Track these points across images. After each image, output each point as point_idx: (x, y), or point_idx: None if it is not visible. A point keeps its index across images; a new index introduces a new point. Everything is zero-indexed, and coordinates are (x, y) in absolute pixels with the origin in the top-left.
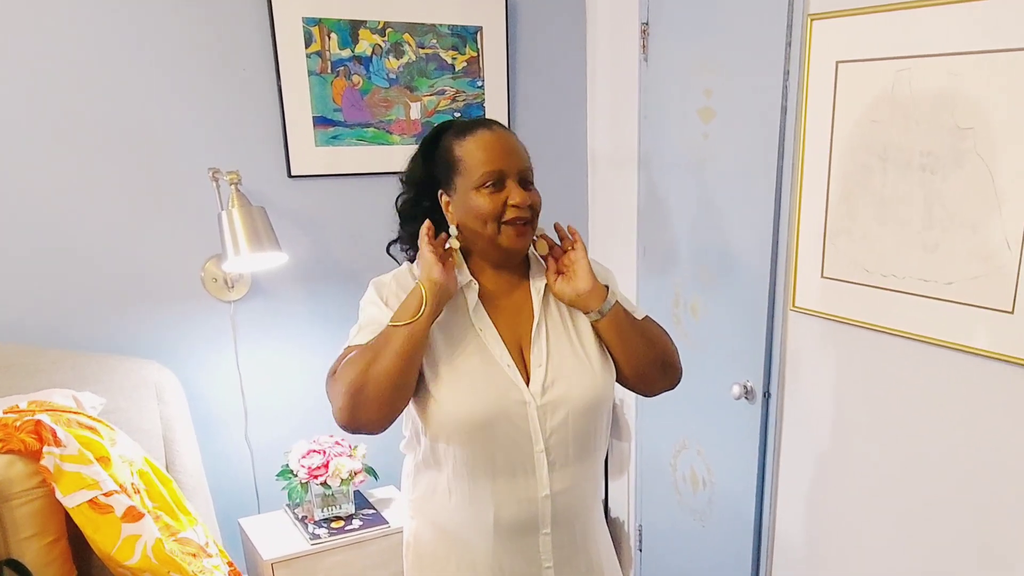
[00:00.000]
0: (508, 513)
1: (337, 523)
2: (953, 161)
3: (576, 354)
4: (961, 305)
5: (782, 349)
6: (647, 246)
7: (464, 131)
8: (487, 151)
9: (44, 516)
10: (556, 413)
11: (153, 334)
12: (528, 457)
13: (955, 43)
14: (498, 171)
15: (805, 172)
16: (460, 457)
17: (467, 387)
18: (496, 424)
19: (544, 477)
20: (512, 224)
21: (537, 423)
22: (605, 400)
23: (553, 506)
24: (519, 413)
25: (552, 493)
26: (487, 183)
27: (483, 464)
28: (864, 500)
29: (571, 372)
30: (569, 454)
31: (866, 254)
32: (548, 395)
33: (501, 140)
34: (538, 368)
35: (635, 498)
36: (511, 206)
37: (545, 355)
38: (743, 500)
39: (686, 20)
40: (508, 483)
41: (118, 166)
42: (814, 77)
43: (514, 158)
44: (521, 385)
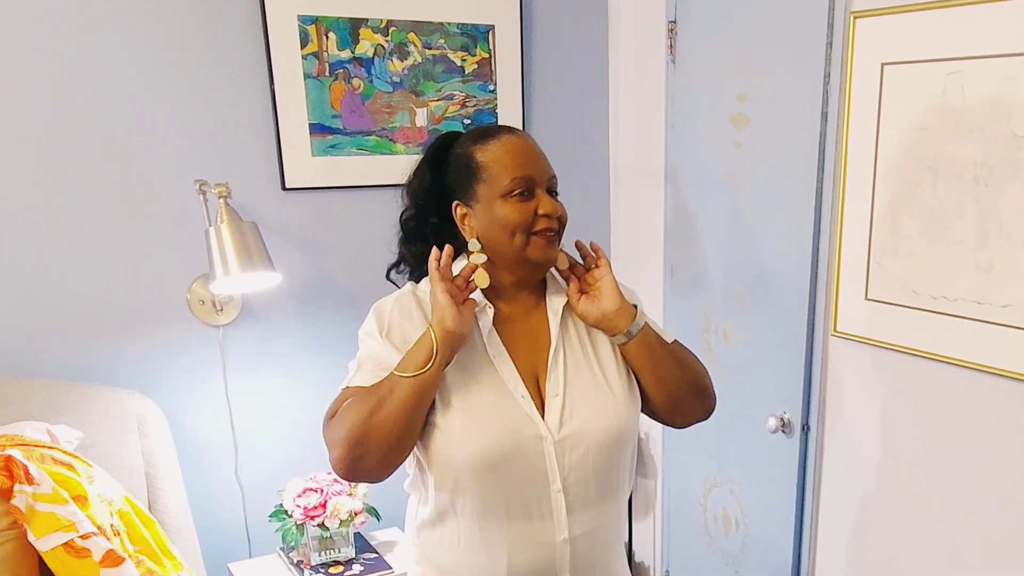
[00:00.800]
0: (523, 560)
1: (336, 568)
2: (1009, 173)
3: (597, 383)
4: (1018, 330)
5: (822, 378)
6: (675, 265)
7: (485, 136)
8: (514, 155)
9: (15, 560)
10: (575, 449)
11: (135, 361)
12: (545, 497)
13: (1012, 43)
14: (528, 178)
15: (847, 185)
16: (469, 497)
17: (478, 421)
18: (509, 462)
19: (563, 519)
20: (542, 235)
21: (555, 460)
22: (629, 434)
23: (572, 551)
24: (535, 449)
25: (571, 537)
26: (516, 191)
27: (495, 506)
28: (913, 544)
29: (591, 403)
30: (590, 494)
31: (914, 274)
32: (565, 429)
33: (529, 145)
34: (554, 398)
35: (662, 541)
36: (541, 216)
37: (563, 384)
38: (780, 543)
39: (717, 18)
40: (523, 526)
41: (95, 178)
42: (857, 80)
43: (543, 165)
44: (536, 418)
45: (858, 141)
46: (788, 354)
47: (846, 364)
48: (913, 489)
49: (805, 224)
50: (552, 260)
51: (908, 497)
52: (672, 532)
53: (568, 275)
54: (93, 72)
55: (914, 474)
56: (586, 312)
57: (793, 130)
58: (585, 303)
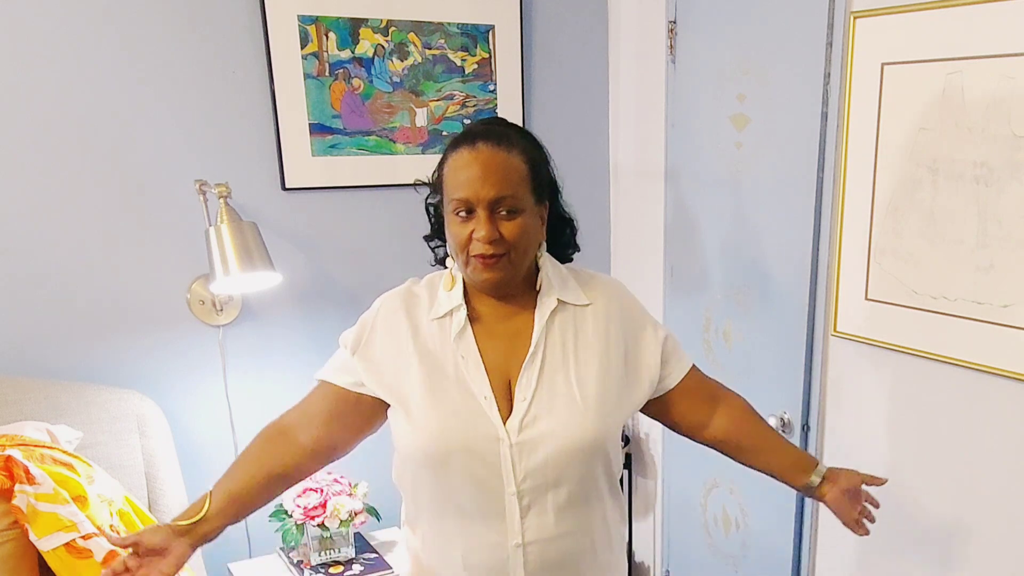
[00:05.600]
0: (476, 558)
1: (336, 568)
2: (1010, 173)
3: (568, 391)
4: (1019, 330)
5: (822, 378)
6: (675, 266)
7: (457, 143)
8: (459, 175)
9: (15, 560)
10: (533, 454)
11: (135, 362)
12: (498, 499)
13: (1013, 43)
14: (464, 200)
15: (847, 185)
16: (427, 490)
17: (433, 418)
18: (457, 459)
19: (516, 524)
20: (478, 258)
21: (510, 463)
22: (597, 445)
23: (526, 557)
24: (489, 450)
25: (525, 542)
26: (457, 211)
27: (449, 501)
28: (914, 544)
29: (557, 411)
30: (548, 501)
31: (914, 274)
32: (525, 434)
33: (478, 163)
34: (522, 402)
35: (662, 541)
36: (475, 239)
37: (533, 388)
38: (780, 543)
39: (717, 17)
40: (477, 525)
41: (96, 178)
42: (857, 80)
43: (486, 186)
44: (496, 420)
45: (858, 141)
46: (788, 354)
47: (846, 364)
48: (913, 489)
49: (805, 224)
50: (494, 282)
51: (908, 496)
52: (672, 532)
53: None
54: (94, 73)
55: (914, 474)
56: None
57: (793, 130)
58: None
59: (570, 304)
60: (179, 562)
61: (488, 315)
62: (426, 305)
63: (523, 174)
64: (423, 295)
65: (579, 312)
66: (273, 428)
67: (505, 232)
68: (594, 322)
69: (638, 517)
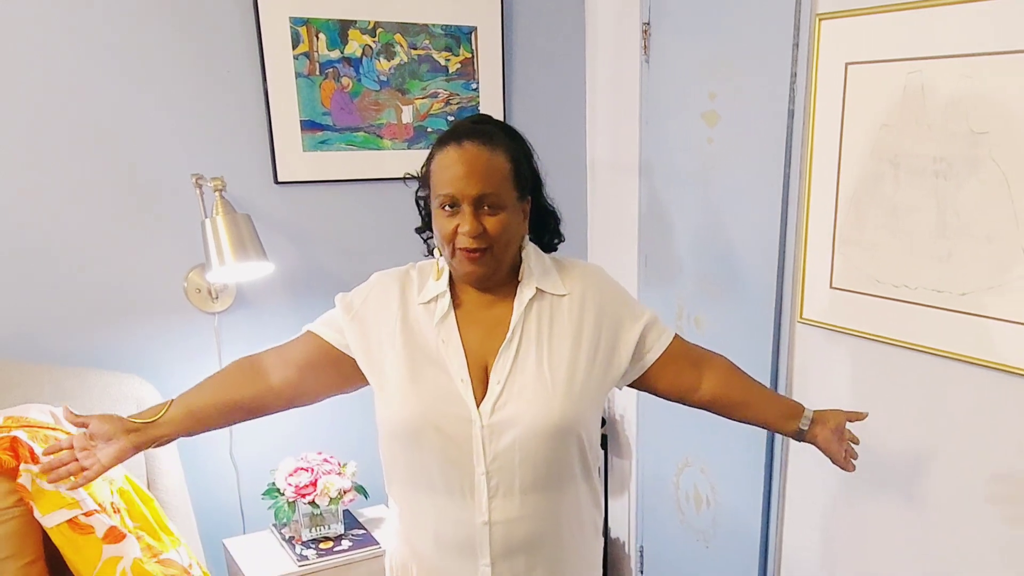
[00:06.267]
0: (447, 533)
1: (326, 544)
2: (967, 167)
3: (540, 376)
4: (976, 317)
5: (789, 362)
6: (649, 256)
7: (444, 141)
8: (447, 171)
9: (20, 536)
10: (503, 436)
11: (134, 347)
12: (468, 479)
13: (970, 44)
14: (449, 196)
15: (813, 179)
16: (402, 464)
17: (410, 395)
18: (430, 437)
19: (483, 503)
20: (463, 252)
21: (481, 445)
22: (568, 428)
23: (493, 536)
24: (462, 432)
25: (491, 521)
26: (443, 205)
27: (422, 476)
28: (877, 521)
29: (528, 394)
30: (516, 482)
31: (877, 264)
32: (496, 416)
33: (463, 161)
34: (496, 386)
35: (636, 518)
36: (460, 233)
37: (507, 373)
38: (749, 520)
39: (689, 20)
40: (447, 502)
41: (96, 172)
42: (822, 79)
43: (471, 182)
44: (470, 402)
45: (823, 137)
46: (757, 340)
47: (812, 349)
48: (875, 468)
49: (773, 216)
50: (478, 275)
51: (871, 476)
52: (646, 510)
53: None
54: (97, 74)
55: (877, 453)
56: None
57: (761, 127)
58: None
59: (548, 293)
60: (119, 456)
61: (471, 303)
62: (416, 289)
63: (506, 172)
64: (416, 279)
65: (556, 301)
66: (248, 360)
67: (488, 227)
68: (569, 310)
69: (613, 495)
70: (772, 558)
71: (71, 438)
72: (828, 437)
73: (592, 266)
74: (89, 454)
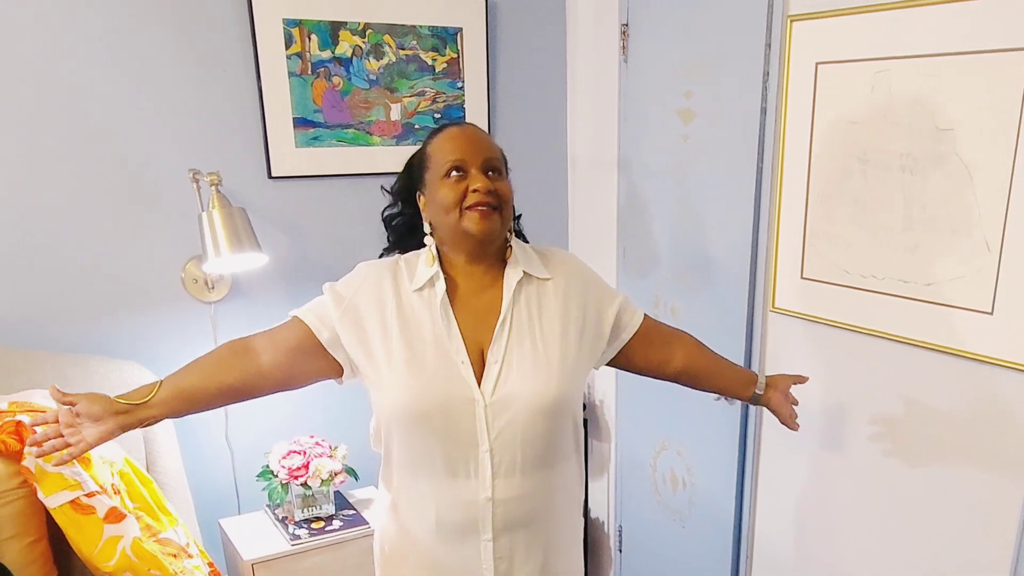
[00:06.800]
0: (448, 515)
1: (317, 524)
2: (932, 163)
3: (535, 353)
4: (941, 306)
5: (762, 350)
6: (627, 248)
7: (435, 132)
8: (451, 142)
9: (25, 517)
10: (505, 413)
11: (134, 335)
12: (472, 457)
13: (934, 44)
14: (460, 159)
15: (785, 174)
16: (404, 449)
17: (415, 379)
18: (439, 419)
19: (487, 479)
20: (474, 208)
21: (484, 422)
22: (563, 403)
23: (495, 512)
24: (466, 411)
25: (495, 498)
26: (450, 171)
27: (425, 459)
28: (845, 501)
29: (526, 371)
30: (518, 459)
31: (845, 255)
32: (497, 394)
33: (465, 133)
34: (493, 365)
35: (615, 499)
36: (472, 191)
37: (503, 352)
38: (723, 500)
39: (666, 21)
40: (450, 483)
41: (98, 169)
42: (794, 78)
43: (477, 147)
44: (472, 382)
45: (794, 134)
46: (730, 328)
47: (783, 337)
48: (844, 449)
49: (746, 210)
50: (488, 232)
51: (840, 457)
52: (624, 491)
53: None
54: (99, 73)
55: (845, 436)
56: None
57: (735, 124)
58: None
59: (534, 277)
60: (104, 436)
61: (462, 289)
62: (407, 278)
63: (500, 151)
64: (404, 269)
65: (541, 285)
66: (239, 343)
67: (497, 188)
68: (554, 293)
69: (593, 477)
70: (745, 536)
71: (56, 412)
72: (779, 400)
73: (567, 253)
74: (75, 432)
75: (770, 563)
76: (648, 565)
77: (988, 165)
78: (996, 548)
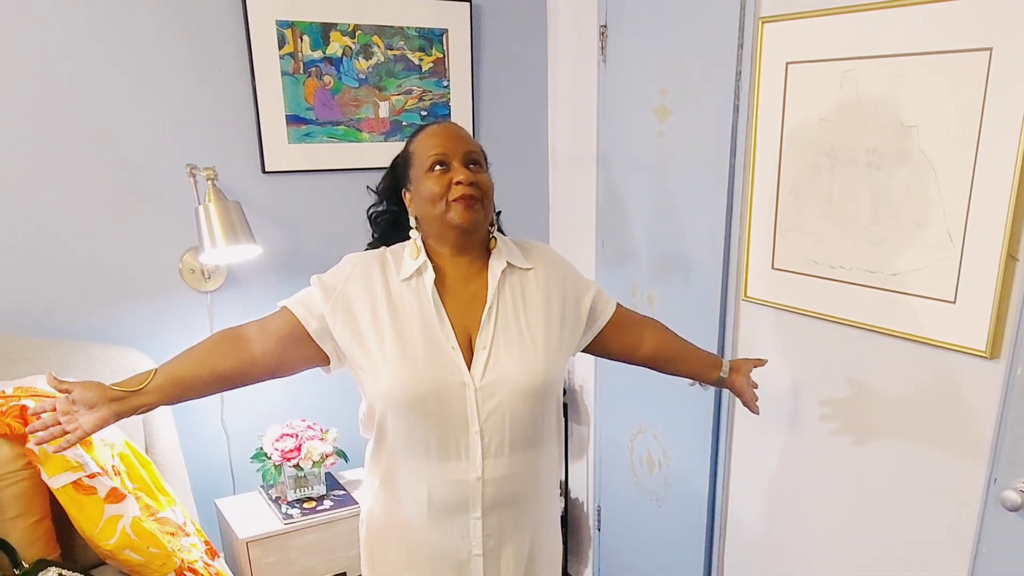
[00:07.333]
0: (439, 495)
1: (309, 503)
2: (898, 158)
3: (521, 339)
4: (905, 295)
5: (734, 337)
6: (605, 239)
7: (419, 131)
8: (433, 138)
9: (29, 497)
10: (494, 396)
11: (133, 323)
12: (463, 438)
13: (900, 45)
14: (442, 153)
15: (756, 169)
16: (398, 433)
17: (408, 366)
18: (432, 404)
19: (477, 460)
20: (459, 201)
21: (474, 406)
22: (548, 386)
23: (485, 491)
24: (457, 394)
25: (485, 478)
26: (433, 166)
27: (418, 442)
28: (813, 481)
29: (513, 356)
30: (506, 441)
31: (814, 247)
32: (487, 378)
33: (446, 129)
34: (482, 351)
35: (594, 480)
36: (455, 184)
37: (490, 339)
38: (697, 481)
39: (643, 23)
40: (442, 464)
41: (100, 164)
42: (765, 77)
43: (458, 142)
44: (462, 367)
45: (766, 131)
46: (704, 316)
47: (755, 325)
48: (813, 432)
49: (719, 203)
50: (473, 222)
51: (809, 439)
52: (603, 472)
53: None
54: (100, 73)
55: (814, 419)
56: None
57: (709, 121)
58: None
59: (517, 268)
60: (100, 423)
61: (450, 278)
62: (394, 268)
63: (480, 147)
64: (391, 260)
65: (524, 275)
66: (231, 332)
67: (479, 180)
68: (536, 283)
69: (573, 459)
70: (719, 515)
71: (54, 401)
72: (742, 383)
73: (545, 245)
74: (72, 419)
75: (742, 540)
76: (625, 543)
77: (951, 160)
78: (957, 525)
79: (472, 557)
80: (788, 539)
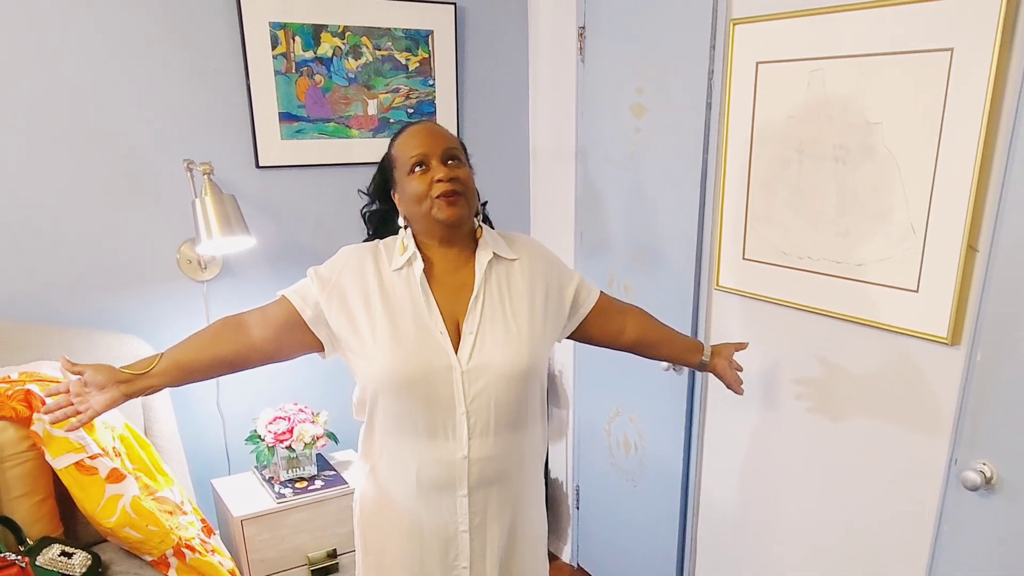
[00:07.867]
0: (427, 474)
1: (301, 483)
2: (863, 154)
3: (507, 325)
4: (870, 284)
5: (707, 325)
6: (584, 231)
7: (398, 134)
8: (412, 139)
9: (33, 477)
10: (480, 379)
11: (133, 311)
12: (450, 419)
13: (865, 45)
14: (421, 154)
15: (728, 164)
16: (388, 414)
17: (398, 350)
18: (421, 384)
19: (464, 440)
20: (442, 198)
21: (461, 388)
22: (532, 370)
23: (471, 470)
24: (445, 378)
25: (471, 458)
26: (415, 167)
27: (408, 423)
28: (782, 461)
29: (498, 341)
30: (491, 422)
31: (783, 238)
32: (473, 361)
33: (423, 128)
34: (469, 336)
35: (573, 461)
36: (436, 182)
37: (477, 324)
38: (671, 463)
39: (619, 24)
40: (429, 444)
41: (100, 159)
42: (736, 76)
43: (436, 140)
44: (450, 351)
45: (737, 127)
46: (678, 304)
47: (727, 313)
48: (782, 416)
49: (693, 197)
50: (457, 217)
51: (778, 423)
52: (581, 454)
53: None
54: (101, 73)
55: (783, 404)
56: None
57: (683, 118)
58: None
59: (503, 258)
60: (110, 404)
61: (439, 268)
62: (387, 259)
63: (458, 142)
64: (384, 252)
65: (509, 265)
66: (233, 319)
67: (459, 175)
68: (521, 272)
69: (553, 441)
70: (692, 495)
71: (67, 383)
72: (724, 366)
73: (529, 237)
74: (83, 400)
75: (714, 517)
76: (603, 521)
77: (914, 156)
78: (920, 503)
79: (459, 533)
80: (758, 517)
